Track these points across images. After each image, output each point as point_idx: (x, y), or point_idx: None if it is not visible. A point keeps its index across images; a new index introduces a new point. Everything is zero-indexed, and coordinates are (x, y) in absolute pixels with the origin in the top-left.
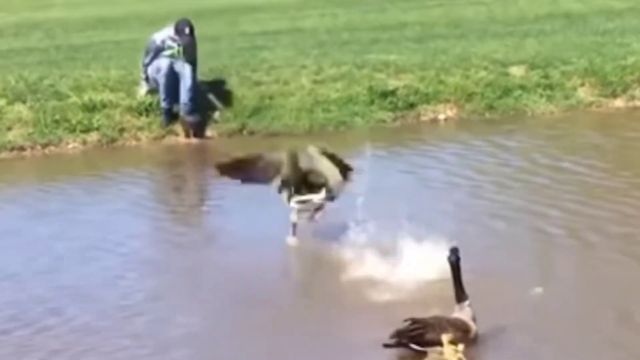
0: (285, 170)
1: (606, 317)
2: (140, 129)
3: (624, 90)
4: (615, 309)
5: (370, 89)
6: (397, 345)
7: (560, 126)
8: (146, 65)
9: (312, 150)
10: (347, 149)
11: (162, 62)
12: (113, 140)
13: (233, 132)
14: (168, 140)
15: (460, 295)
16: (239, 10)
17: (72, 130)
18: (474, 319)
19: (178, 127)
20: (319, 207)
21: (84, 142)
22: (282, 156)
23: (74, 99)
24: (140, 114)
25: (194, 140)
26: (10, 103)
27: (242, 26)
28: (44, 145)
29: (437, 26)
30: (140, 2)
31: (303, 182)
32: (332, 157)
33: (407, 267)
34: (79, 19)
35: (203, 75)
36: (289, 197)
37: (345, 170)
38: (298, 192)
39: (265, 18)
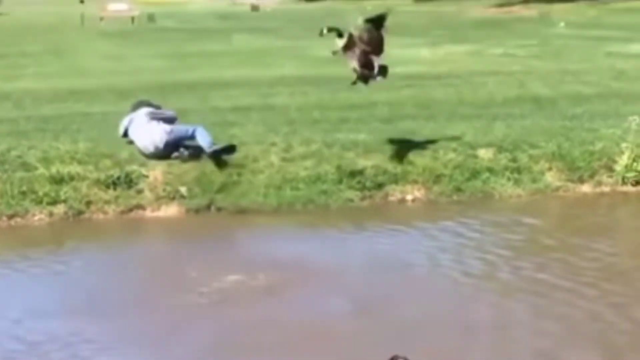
0: None
1: None
2: (107, 202)
3: (591, 176)
4: None
5: (339, 167)
6: None
7: (526, 210)
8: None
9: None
10: (315, 228)
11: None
12: (80, 212)
13: (200, 208)
14: (135, 214)
15: None
16: (211, 85)
17: (39, 202)
18: None
19: (145, 201)
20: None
21: (51, 214)
22: None
23: (41, 170)
24: (108, 187)
25: (161, 214)
26: None
27: (213, 101)
28: (10, 217)
29: (407, 107)
30: (111, 75)
31: None
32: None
33: None
34: (50, 90)
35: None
36: None
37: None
38: None
39: (236, 94)
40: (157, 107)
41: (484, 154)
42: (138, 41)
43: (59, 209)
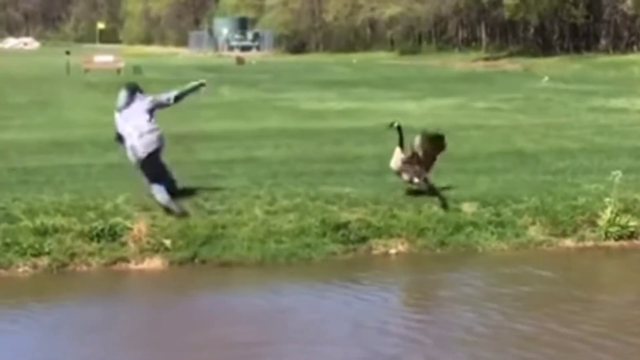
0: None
1: None
2: (91, 254)
3: (575, 230)
4: None
5: (323, 221)
6: None
7: (510, 264)
8: None
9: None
10: (298, 282)
11: None
12: (64, 265)
13: (184, 261)
14: (119, 266)
15: None
16: (196, 137)
17: (23, 253)
18: None
19: (129, 253)
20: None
21: (35, 266)
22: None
23: (25, 222)
24: (92, 239)
25: (145, 267)
26: None
27: (198, 154)
28: None
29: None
30: (95, 127)
31: None
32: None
33: None
34: (34, 141)
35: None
36: None
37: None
38: None
39: (220, 146)
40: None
41: (468, 207)
42: None
43: (43, 260)
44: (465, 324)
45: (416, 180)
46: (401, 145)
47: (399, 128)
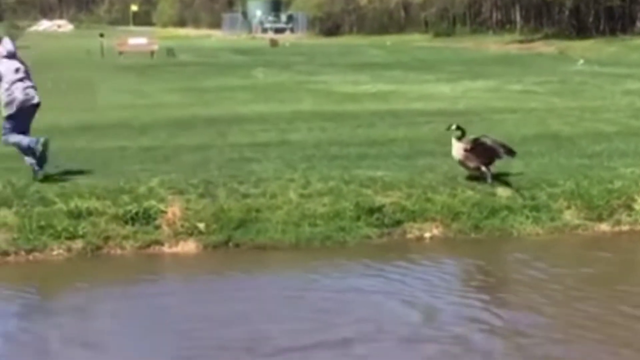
0: None
1: None
2: (126, 237)
3: (610, 215)
4: None
5: (357, 204)
6: None
7: (545, 248)
8: None
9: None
10: (333, 265)
11: None
12: (98, 248)
13: (218, 244)
14: (152, 249)
15: None
16: (229, 120)
17: (57, 236)
18: None
19: (163, 236)
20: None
21: (69, 249)
22: None
23: (59, 205)
24: (126, 222)
25: (179, 250)
26: None
27: (231, 137)
28: (28, 251)
29: (426, 143)
30: (129, 109)
31: None
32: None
33: None
34: (69, 124)
35: (191, 186)
36: None
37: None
38: None
39: (254, 130)
40: None
41: (502, 192)
42: (157, 75)
43: (77, 243)
44: (533, 305)
45: (483, 168)
46: (461, 137)
47: (458, 127)
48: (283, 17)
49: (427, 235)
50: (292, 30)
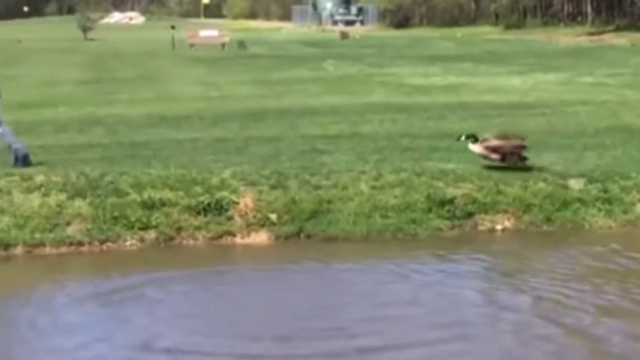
0: None
1: None
2: (198, 228)
3: None
4: None
5: (429, 196)
6: None
7: (619, 241)
8: None
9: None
10: (405, 257)
11: None
12: (170, 238)
13: (290, 235)
14: (225, 240)
15: None
16: (300, 112)
17: (130, 227)
18: None
19: (235, 227)
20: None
21: (142, 240)
22: None
23: (133, 196)
24: (199, 213)
25: (250, 241)
26: (70, 198)
27: (302, 129)
28: (102, 241)
29: None
30: (201, 101)
31: None
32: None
33: None
34: (141, 115)
35: (263, 177)
36: None
37: None
38: None
39: (325, 122)
40: None
41: (575, 184)
42: (228, 68)
43: (150, 234)
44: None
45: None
46: (475, 139)
47: (467, 136)
48: (353, 10)
49: (499, 227)
50: (362, 22)
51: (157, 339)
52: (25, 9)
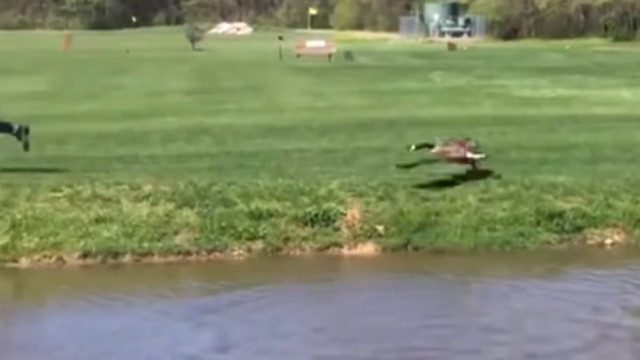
0: None
1: None
2: (305, 239)
3: None
4: None
5: (538, 210)
6: None
7: None
8: None
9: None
10: (513, 269)
11: None
12: (277, 249)
13: (397, 247)
14: (332, 251)
15: None
16: (407, 123)
17: (238, 237)
18: None
19: (342, 238)
20: None
21: (249, 250)
22: None
23: (241, 206)
24: (306, 224)
25: (357, 252)
26: (178, 207)
27: (410, 140)
28: (209, 251)
29: (607, 149)
30: (308, 111)
31: None
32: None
33: None
34: (248, 125)
35: (371, 188)
36: None
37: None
38: None
39: (433, 133)
40: None
41: None
42: (335, 78)
43: (257, 244)
44: None
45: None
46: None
47: (418, 147)
48: (461, 21)
49: (608, 241)
50: (469, 33)
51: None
52: (134, 19)
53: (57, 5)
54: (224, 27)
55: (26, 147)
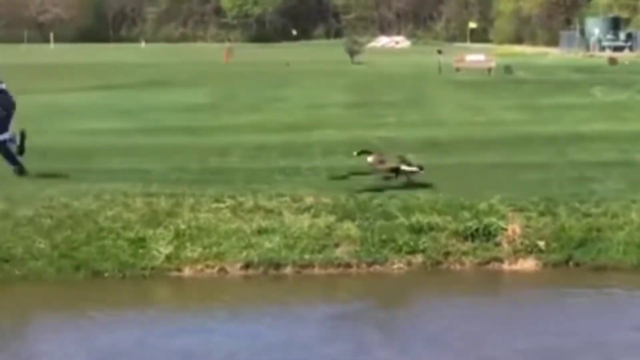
0: None
1: None
2: (465, 253)
3: None
4: None
5: None
6: None
7: None
8: None
9: None
10: None
11: None
12: (437, 263)
13: (558, 263)
14: (492, 266)
15: None
16: (569, 139)
17: (398, 250)
18: None
19: (503, 253)
20: None
21: (409, 263)
22: None
23: (401, 219)
24: (466, 238)
25: (518, 267)
26: (339, 220)
27: (571, 155)
28: (370, 264)
29: None
30: (468, 125)
31: None
32: None
33: None
34: (409, 139)
35: (532, 204)
36: None
37: None
38: None
39: (595, 148)
40: None
41: None
42: (494, 92)
43: (418, 258)
44: None
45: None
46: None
47: (359, 153)
48: (622, 35)
49: None
50: (631, 48)
51: None
52: (294, 32)
53: (219, 18)
54: (382, 41)
55: (21, 151)
